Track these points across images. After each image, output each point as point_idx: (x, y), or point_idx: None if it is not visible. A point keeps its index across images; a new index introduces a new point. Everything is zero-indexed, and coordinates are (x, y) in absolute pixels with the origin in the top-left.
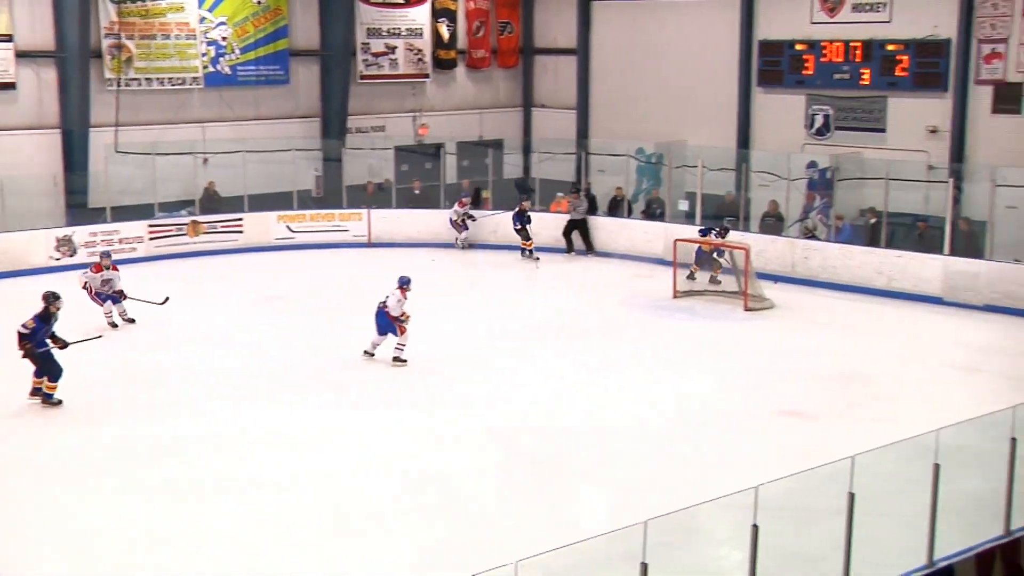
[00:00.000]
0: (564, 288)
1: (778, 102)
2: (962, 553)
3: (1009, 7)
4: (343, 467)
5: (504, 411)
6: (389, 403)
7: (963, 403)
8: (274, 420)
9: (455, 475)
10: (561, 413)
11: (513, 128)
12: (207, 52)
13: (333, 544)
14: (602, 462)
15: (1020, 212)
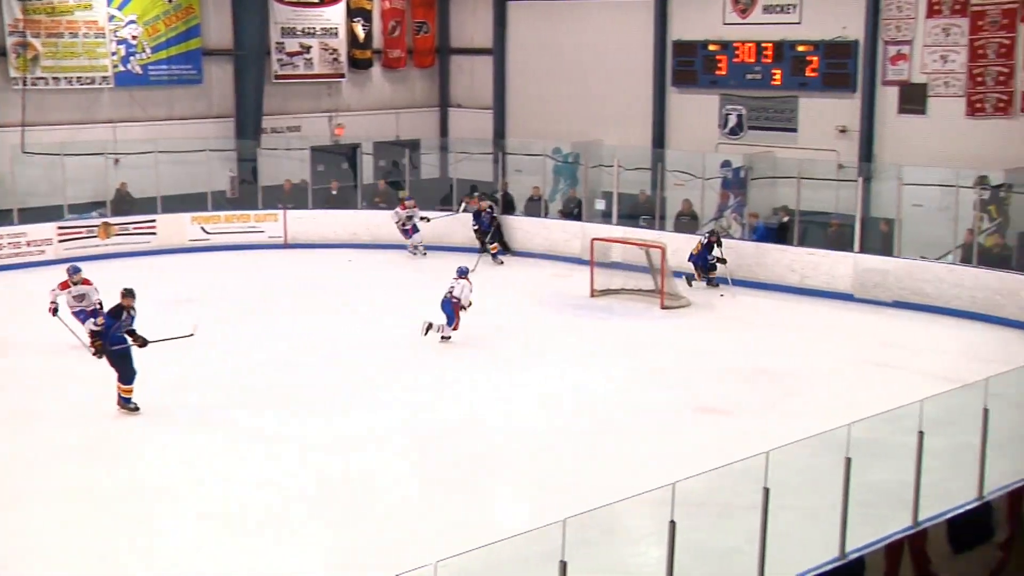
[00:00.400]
0: (482, 288)
1: (692, 102)
2: (872, 545)
3: (912, 9)
4: (257, 469)
5: (422, 412)
6: (304, 405)
7: (873, 398)
8: (186, 423)
9: (373, 476)
10: (479, 413)
11: (430, 128)
12: (117, 51)
13: (246, 545)
14: (521, 461)
15: (926, 210)
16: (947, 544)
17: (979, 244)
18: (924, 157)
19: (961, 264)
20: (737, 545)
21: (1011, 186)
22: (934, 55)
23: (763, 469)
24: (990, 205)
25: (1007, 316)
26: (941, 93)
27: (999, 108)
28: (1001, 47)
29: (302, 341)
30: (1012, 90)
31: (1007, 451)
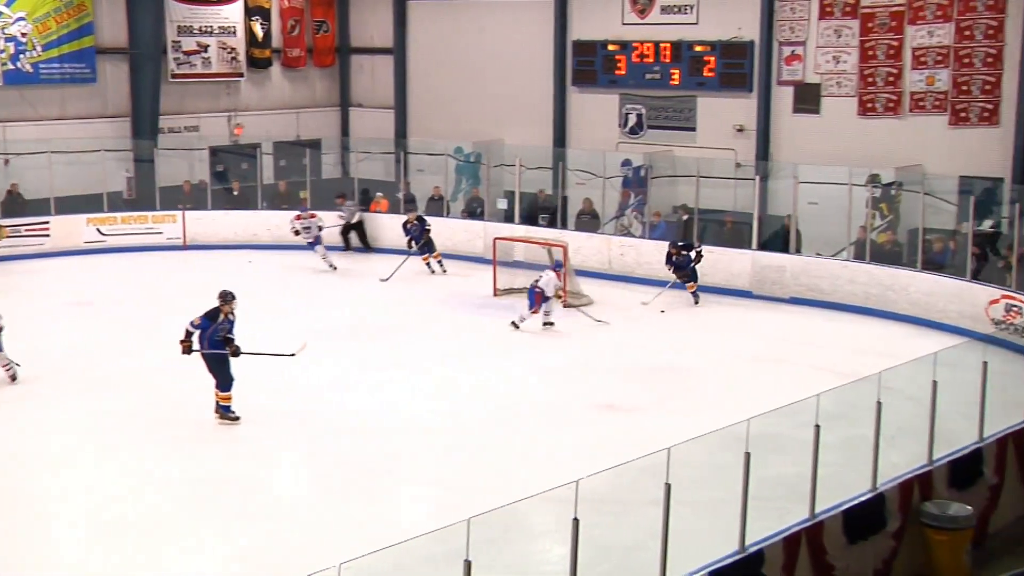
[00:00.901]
0: (384, 287)
1: (592, 101)
2: (771, 538)
3: (805, 11)
4: (158, 474)
5: (322, 412)
6: (200, 408)
7: (771, 393)
8: (82, 426)
9: (272, 479)
10: (380, 412)
11: (331, 128)
12: (6, 49)
13: (143, 548)
14: (423, 461)
15: (821, 208)
16: (842, 535)
17: (872, 241)
18: (819, 156)
19: (855, 261)
20: (640, 540)
21: (901, 184)
22: (827, 56)
23: (664, 465)
24: (882, 203)
25: (899, 311)
26: (834, 93)
27: (889, 108)
28: (890, 48)
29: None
30: (901, 90)
31: (899, 443)
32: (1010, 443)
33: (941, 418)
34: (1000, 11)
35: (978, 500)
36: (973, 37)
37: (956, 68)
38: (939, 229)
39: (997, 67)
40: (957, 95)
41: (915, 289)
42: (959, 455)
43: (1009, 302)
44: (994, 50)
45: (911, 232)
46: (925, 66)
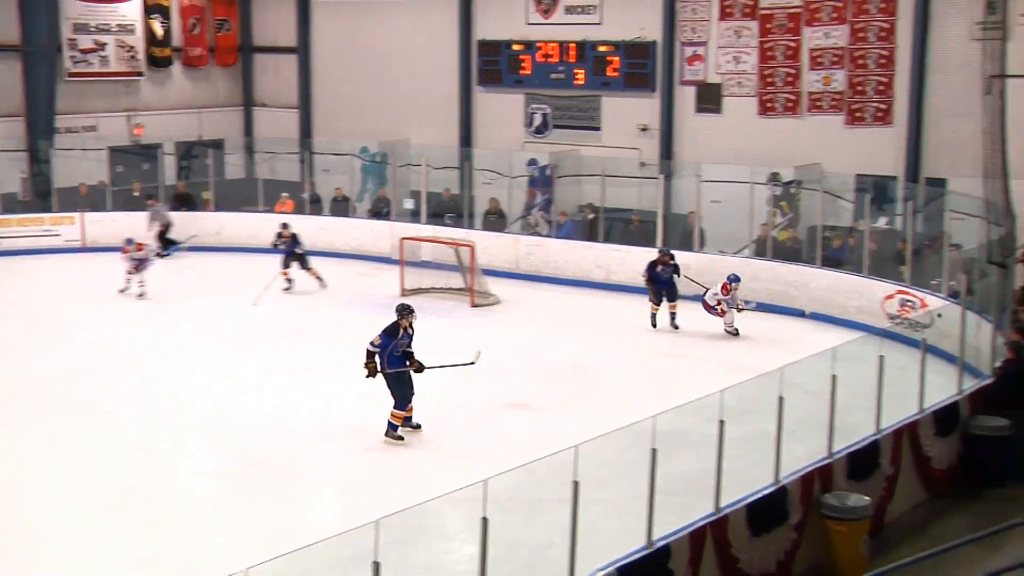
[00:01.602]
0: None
1: (498, 101)
2: (677, 532)
3: (706, 12)
4: (52, 478)
5: (225, 416)
6: (103, 411)
7: (677, 389)
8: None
9: (177, 485)
10: (287, 416)
11: (234, 128)
12: None
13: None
14: (330, 462)
15: (724, 206)
16: (746, 528)
17: (773, 238)
18: (721, 154)
19: (757, 258)
20: (549, 538)
21: (800, 182)
22: (727, 56)
23: (572, 463)
24: (782, 201)
25: (799, 307)
26: (735, 93)
27: (788, 107)
28: (788, 49)
29: (97, 348)
30: (799, 90)
31: (801, 437)
32: (905, 434)
33: (840, 411)
34: (891, 14)
35: (875, 490)
36: (867, 39)
37: (851, 69)
38: (837, 226)
39: (890, 68)
40: (852, 95)
41: (814, 285)
42: (857, 447)
43: (903, 297)
44: (887, 51)
45: (811, 229)
46: (822, 67)
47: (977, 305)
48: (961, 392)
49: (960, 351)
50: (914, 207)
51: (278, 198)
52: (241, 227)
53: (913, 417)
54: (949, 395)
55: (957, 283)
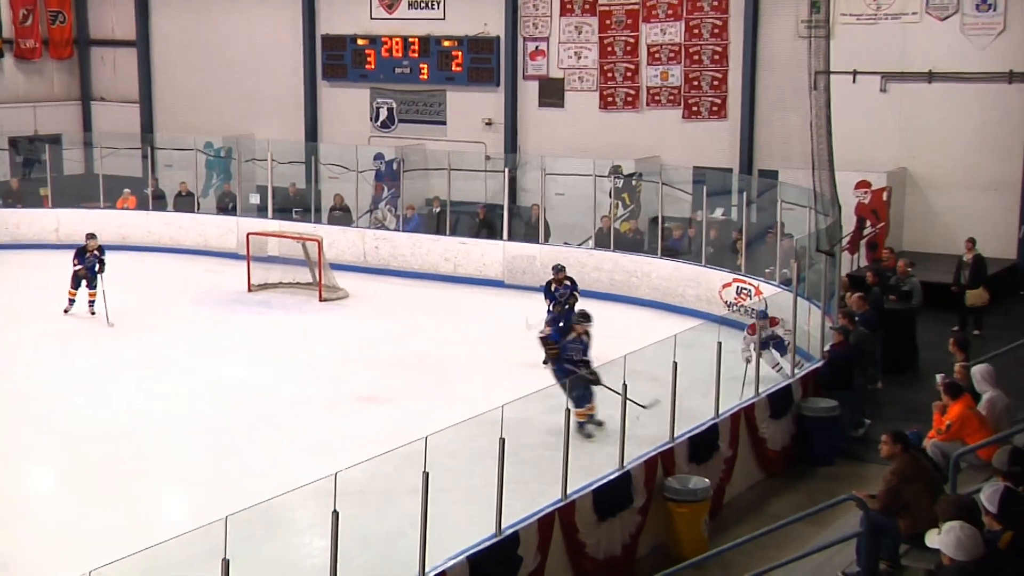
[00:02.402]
0: (133, 286)
1: (343, 95)
2: (526, 520)
3: (547, 8)
4: None
5: (70, 415)
6: None
7: (524, 379)
8: None
9: (17, 482)
10: (134, 412)
11: (72, 122)
12: None
13: None
14: (177, 459)
15: (568, 199)
16: (593, 513)
17: (615, 230)
18: (564, 148)
19: (599, 249)
20: (400, 529)
21: (641, 175)
22: (569, 51)
23: (422, 454)
24: (624, 193)
25: (641, 296)
26: (576, 88)
27: (627, 102)
28: (627, 45)
29: None
30: (639, 85)
31: (643, 422)
32: (742, 417)
33: (681, 396)
34: (724, 11)
35: (715, 473)
36: (701, 35)
37: (687, 65)
38: (676, 217)
39: (723, 64)
40: (689, 90)
41: (655, 275)
42: (698, 431)
43: (740, 285)
44: (720, 48)
45: (651, 220)
46: (659, 62)
47: (807, 292)
48: (793, 376)
49: (792, 337)
50: (748, 198)
51: (120, 194)
52: (81, 224)
53: (749, 401)
54: (783, 379)
55: (789, 271)
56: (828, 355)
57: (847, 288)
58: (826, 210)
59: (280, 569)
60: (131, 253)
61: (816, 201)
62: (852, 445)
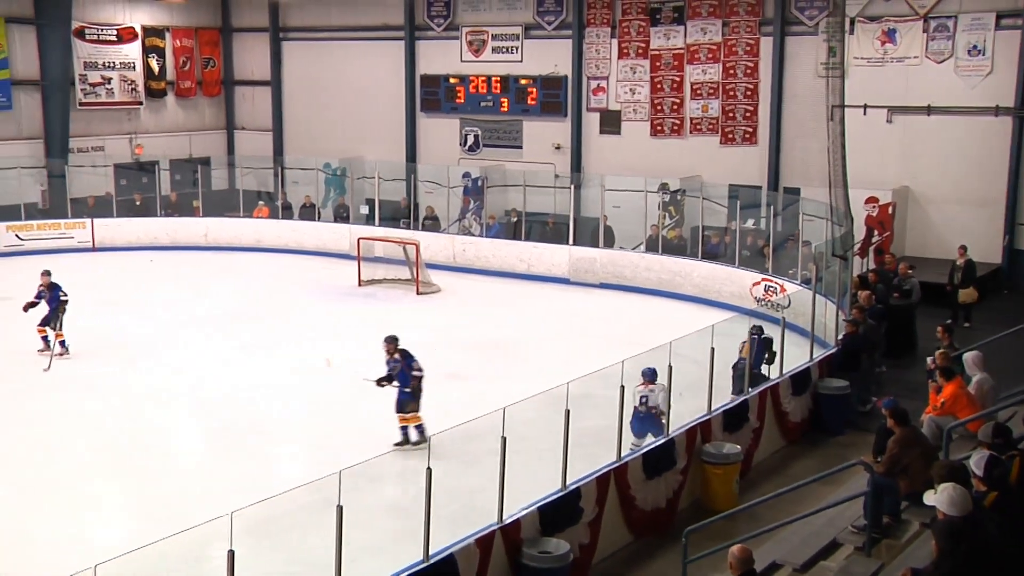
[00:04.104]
0: (259, 280)
1: (437, 124)
2: (586, 477)
3: (607, 52)
4: (56, 438)
5: (205, 384)
6: (91, 387)
7: (586, 360)
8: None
9: (164, 440)
10: (259, 384)
11: (218, 147)
12: None
13: (45, 510)
14: (295, 424)
15: (623, 210)
16: (642, 472)
17: (662, 237)
18: (620, 168)
19: (649, 252)
20: (482, 484)
21: (684, 191)
22: (625, 88)
23: (500, 422)
24: (670, 206)
25: (684, 292)
26: (631, 118)
27: (674, 130)
28: (674, 83)
29: (101, 332)
30: (683, 116)
31: (686, 398)
32: (768, 395)
33: (717, 376)
34: (755, 55)
35: (744, 440)
36: (736, 75)
37: (724, 99)
38: (714, 226)
39: (755, 98)
40: (725, 120)
41: (696, 275)
42: (730, 406)
43: (767, 284)
44: (752, 85)
45: (693, 229)
46: (701, 97)
47: (824, 290)
48: (812, 360)
49: (811, 327)
50: (774, 211)
51: (256, 205)
52: (224, 229)
53: (773, 382)
54: (803, 362)
55: (809, 272)
56: (841, 342)
57: (857, 287)
58: (840, 221)
59: (383, 515)
60: (264, 253)
61: (832, 214)
62: (860, 418)
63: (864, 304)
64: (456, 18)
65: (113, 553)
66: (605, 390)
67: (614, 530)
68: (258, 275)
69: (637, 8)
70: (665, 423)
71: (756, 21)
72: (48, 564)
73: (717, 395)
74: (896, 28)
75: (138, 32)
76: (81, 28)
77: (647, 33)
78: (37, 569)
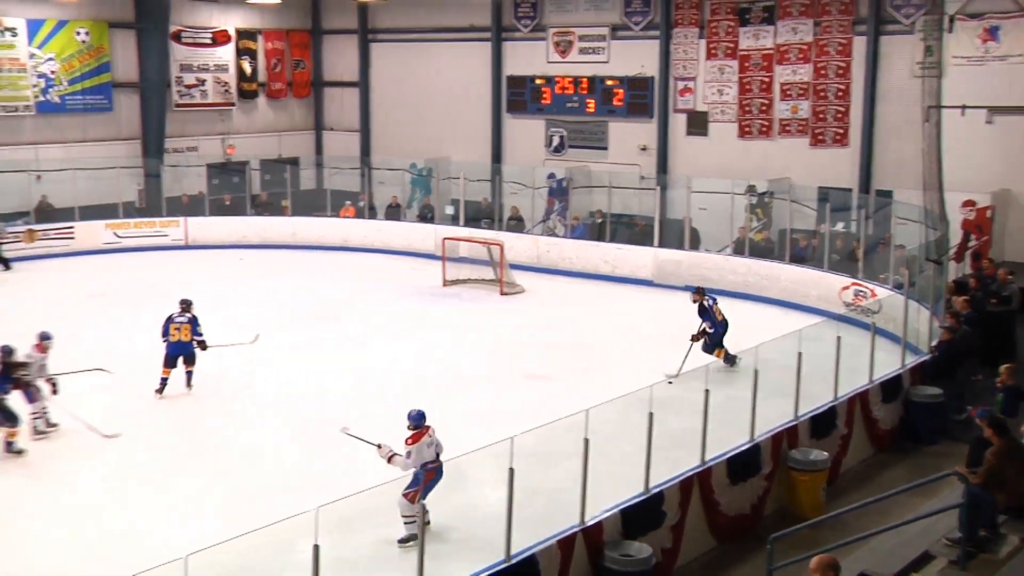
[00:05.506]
0: (345, 279)
1: (523, 125)
2: (669, 481)
3: (695, 53)
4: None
5: (302, 380)
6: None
7: (670, 363)
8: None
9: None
10: (345, 381)
11: (307, 147)
12: (37, 84)
13: (148, 501)
14: (380, 419)
15: (710, 212)
16: (726, 477)
17: (750, 239)
18: (706, 170)
19: (736, 255)
20: (564, 486)
21: (772, 193)
22: (712, 89)
23: (583, 424)
24: (757, 208)
25: (771, 296)
26: (718, 119)
27: (762, 131)
28: (762, 84)
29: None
30: (772, 118)
31: (771, 403)
32: (857, 401)
33: (804, 381)
34: (848, 55)
35: (832, 447)
36: (827, 75)
37: (815, 100)
38: (803, 229)
39: (846, 99)
40: (815, 121)
41: (784, 278)
42: (818, 411)
43: (857, 288)
44: (843, 86)
45: (781, 232)
46: (790, 98)
47: (917, 295)
48: (904, 366)
49: (903, 333)
50: (866, 214)
51: (343, 205)
52: (312, 229)
53: (864, 388)
54: (894, 369)
55: (901, 277)
56: (936, 349)
57: (953, 292)
58: (935, 225)
59: (466, 514)
60: (351, 253)
61: (926, 217)
62: (954, 427)
63: (960, 310)
64: (543, 19)
65: (200, 545)
66: (688, 393)
67: (697, 535)
68: (344, 274)
69: (726, 8)
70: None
71: (849, 20)
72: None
73: (804, 400)
74: (999, 25)
75: (232, 35)
76: (178, 31)
77: (736, 33)
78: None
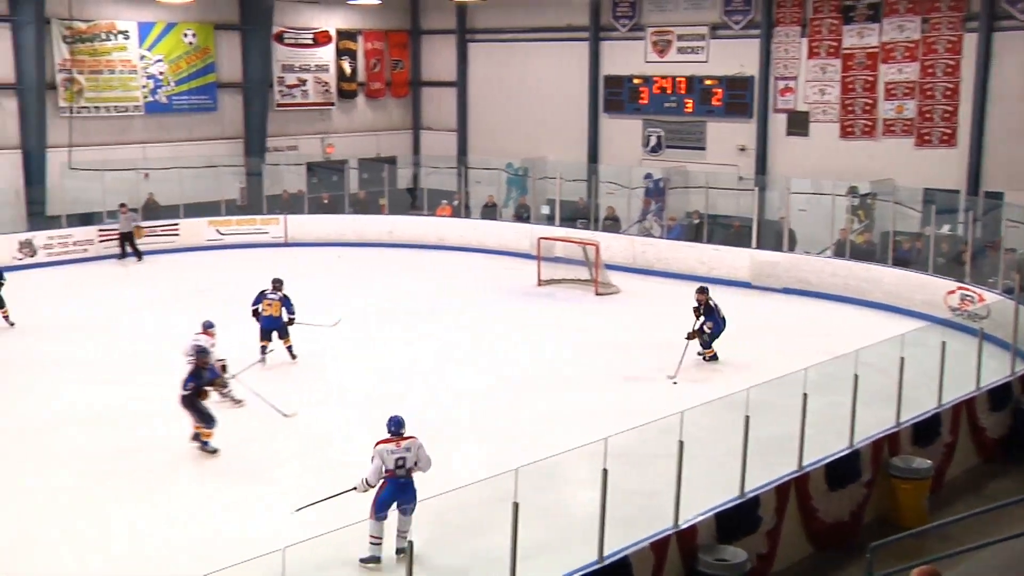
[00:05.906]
0: (448, 277)
1: (620, 125)
2: (766, 485)
3: (797, 51)
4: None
5: (394, 377)
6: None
7: (766, 366)
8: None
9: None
10: (437, 380)
11: (404, 147)
12: (147, 84)
13: (239, 493)
14: (476, 419)
15: (809, 214)
16: (824, 483)
17: (851, 241)
18: (807, 171)
19: (836, 257)
20: (657, 488)
21: (875, 194)
22: (814, 88)
23: (678, 426)
24: (859, 210)
25: (873, 300)
26: (820, 119)
27: (865, 132)
28: (866, 83)
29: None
30: (875, 117)
31: (872, 409)
32: (963, 409)
33: (907, 388)
34: (957, 52)
35: (936, 455)
36: (935, 74)
37: (921, 99)
38: (906, 232)
39: (955, 99)
40: (922, 121)
41: (886, 281)
42: (921, 418)
43: (964, 292)
44: (952, 85)
45: (883, 234)
46: (895, 97)
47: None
48: (1013, 374)
49: (1013, 339)
50: (974, 216)
51: (439, 204)
52: (408, 228)
53: (970, 395)
54: (1003, 376)
55: (1011, 281)
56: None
57: None
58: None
59: (557, 515)
60: (446, 252)
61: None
62: None
63: None
64: (641, 18)
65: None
66: (786, 398)
67: (794, 541)
68: (440, 272)
69: (829, 6)
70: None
71: (959, 17)
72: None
73: (907, 406)
74: None
75: (332, 35)
76: (280, 32)
77: (839, 32)
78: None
